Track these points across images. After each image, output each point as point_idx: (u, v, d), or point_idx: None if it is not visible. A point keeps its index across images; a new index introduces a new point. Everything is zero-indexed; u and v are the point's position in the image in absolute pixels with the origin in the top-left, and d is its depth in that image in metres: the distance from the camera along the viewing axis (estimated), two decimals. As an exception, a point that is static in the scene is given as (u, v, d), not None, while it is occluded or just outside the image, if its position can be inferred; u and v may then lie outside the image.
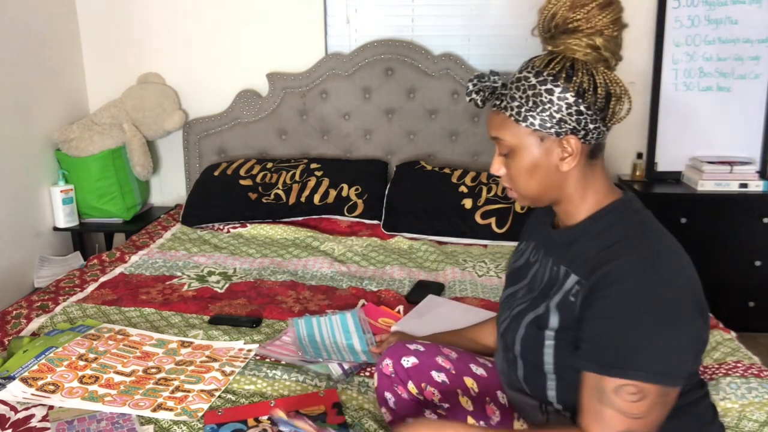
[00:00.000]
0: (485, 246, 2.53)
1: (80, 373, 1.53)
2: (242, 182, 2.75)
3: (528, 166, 1.05)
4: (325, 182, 2.73)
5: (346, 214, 2.67)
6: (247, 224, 2.67)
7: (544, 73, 1.01)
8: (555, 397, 1.07)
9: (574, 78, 1.00)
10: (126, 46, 3.01)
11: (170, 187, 3.19)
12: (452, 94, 2.90)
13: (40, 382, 1.48)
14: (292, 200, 2.68)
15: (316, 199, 2.68)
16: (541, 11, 1.05)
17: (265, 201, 2.69)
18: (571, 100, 1.00)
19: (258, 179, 2.76)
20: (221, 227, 2.69)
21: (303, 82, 2.94)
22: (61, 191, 2.82)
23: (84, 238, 2.99)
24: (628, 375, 0.93)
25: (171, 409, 1.40)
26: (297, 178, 2.75)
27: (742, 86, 2.83)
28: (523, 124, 1.03)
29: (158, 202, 3.22)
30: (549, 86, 1.01)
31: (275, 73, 2.95)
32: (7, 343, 1.72)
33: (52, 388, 1.47)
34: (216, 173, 2.84)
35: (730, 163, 2.76)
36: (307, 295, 2.05)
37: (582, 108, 1.00)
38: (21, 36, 2.63)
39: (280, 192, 2.71)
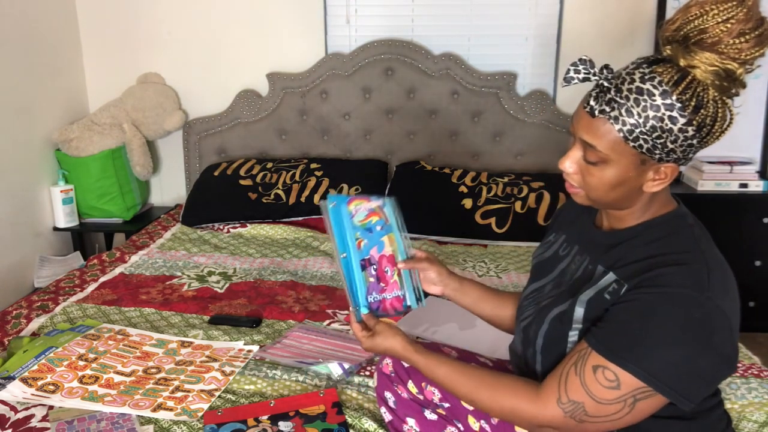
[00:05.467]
0: (485, 246, 2.53)
1: (80, 373, 1.53)
2: (242, 182, 2.76)
3: (615, 181, 0.98)
4: (325, 182, 2.73)
5: (346, 214, 2.67)
6: (247, 224, 2.67)
7: (673, 97, 0.91)
8: None
9: (702, 111, 0.91)
10: (126, 46, 3.01)
11: (170, 187, 3.19)
12: (452, 94, 2.90)
13: (40, 382, 1.48)
14: (292, 200, 2.68)
15: (316, 199, 2.68)
16: (687, 16, 0.93)
17: (265, 201, 2.69)
18: (690, 134, 0.92)
19: (258, 179, 2.76)
20: (221, 227, 2.69)
21: (303, 82, 2.94)
22: (61, 191, 2.82)
23: (84, 238, 2.98)
24: (618, 363, 0.92)
25: (171, 409, 1.40)
26: (297, 178, 2.75)
27: (742, 86, 2.83)
28: (632, 144, 0.94)
29: (158, 202, 3.22)
30: (675, 114, 0.91)
31: (275, 73, 2.95)
32: (7, 343, 1.72)
33: (52, 388, 1.47)
34: (216, 173, 2.84)
35: (730, 163, 2.76)
36: (307, 295, 2.05)
37: (694, 142, 0.94)
38: (21, 36, 2.63)
39: (280, 192, 2.71)
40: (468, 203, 2.59)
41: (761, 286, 2.74)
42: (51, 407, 1.41)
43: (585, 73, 0.98)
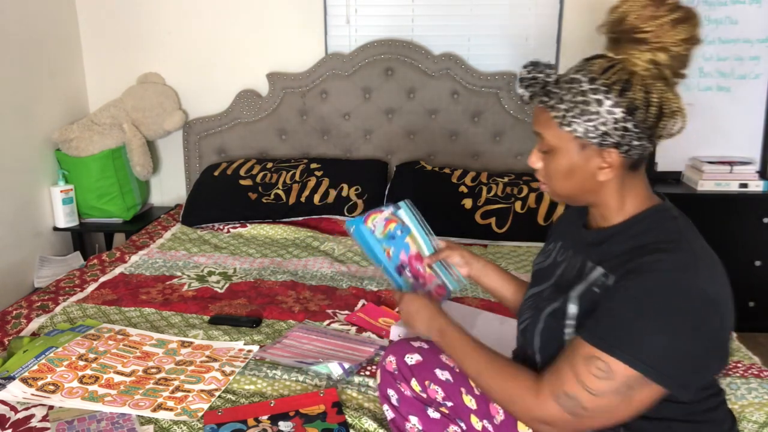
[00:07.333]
0: (485, 246, 2.53)
1: (80, 373, 1.53)
2: (242, 182, 2.76)
3: (565, 169, 1.05)
4: (325, 182, 2.73)
5: (346, 214, 2.67)
6: (247, 224, 2.67)
7: (598, 82, 0.98)
8: None
9: (628, 93, 0.97)
10: (126, 46, 3.01)
11: (170, 187, 3.19)
12: (452, 94, 2.90)
13: (40, 382, 1.48)
14: (292, 200, 2.68)
15: (316, 199, 2.68)
16: (610, 11, 1.01)
17: (265, 201, 2.69)
18: (620, 116, 0.97)
19: (258, 179, 2.76)
20: (221, 227, 2.69)
21: (303, 82, 2.94)
22: (61, 191, 2.82)
23: (84, 238, 2.98)
24: (608, 350, 0.93)
25: (171, 409, 1.40)
26: (297, 178, 2.75)
27: (742, 86, 2.84)
28: (566, 129, 1.01)
29: (158, 202, 3.22)
30: (600, 96, 0.97)
31: (275, 73, 2.95)
32: (7, 343, 1.72)
33: (52, 388, 1.47)
34: (216, 173, 2.84)
35: (730, 163, 2.76)
36: (307, 295, 2.05)
37: (629, 125, 0.98)
38: (21, 36, 2.63)
39: (280, 192, 2.71)
40: (468, 203, 2.59)
41: (761, 286, 2.74)
42: (51, 407, 1.41)
43: (535, 73, 1.06)
